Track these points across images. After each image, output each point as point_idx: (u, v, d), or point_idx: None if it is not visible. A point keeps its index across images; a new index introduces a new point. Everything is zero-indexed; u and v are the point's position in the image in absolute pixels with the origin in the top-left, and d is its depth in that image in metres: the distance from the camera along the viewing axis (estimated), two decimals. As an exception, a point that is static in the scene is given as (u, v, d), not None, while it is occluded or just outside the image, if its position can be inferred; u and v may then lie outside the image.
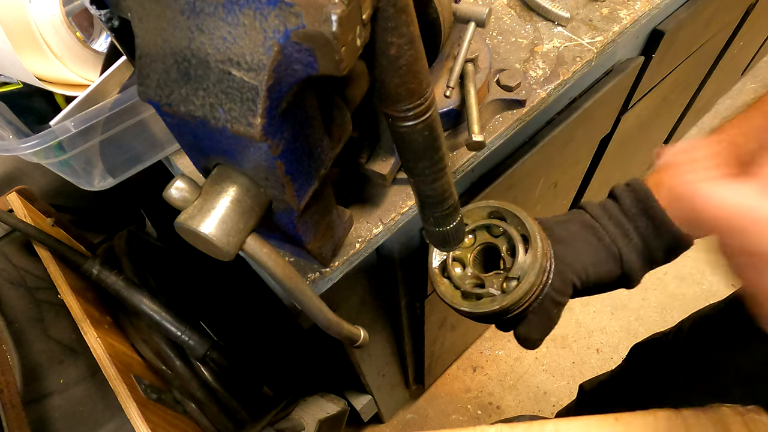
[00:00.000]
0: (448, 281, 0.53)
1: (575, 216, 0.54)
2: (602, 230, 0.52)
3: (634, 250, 0.52)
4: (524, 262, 0.50)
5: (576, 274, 0.51)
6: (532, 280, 0.49)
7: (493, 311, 0.49)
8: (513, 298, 0.49)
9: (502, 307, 0.49)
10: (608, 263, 0.52)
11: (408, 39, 0.28)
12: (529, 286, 0.49)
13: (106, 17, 0.37)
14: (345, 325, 0.43)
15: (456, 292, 0.52)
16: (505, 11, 0.73)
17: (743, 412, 0.35)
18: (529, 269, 0.49)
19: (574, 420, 0.37)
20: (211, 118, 0.31)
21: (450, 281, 0.53)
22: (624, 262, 0.52)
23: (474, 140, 0.52)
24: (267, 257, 0.36)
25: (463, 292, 0.52)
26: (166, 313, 0.73)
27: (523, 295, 0.49)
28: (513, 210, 0.53)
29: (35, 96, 0.66)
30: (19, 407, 0.56)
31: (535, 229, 0.51)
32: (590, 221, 0.53)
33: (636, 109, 1.12)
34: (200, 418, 0.77)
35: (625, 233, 0.52)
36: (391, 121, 0.33)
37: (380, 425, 1.62)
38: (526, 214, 0.52)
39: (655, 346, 0.93)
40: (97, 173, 0.61)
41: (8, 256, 0.74)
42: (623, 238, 0.52)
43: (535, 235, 0.50)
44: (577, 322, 1.75)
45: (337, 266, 0.55)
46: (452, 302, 0.52)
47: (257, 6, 0.27)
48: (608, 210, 0.53)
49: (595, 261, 0.51)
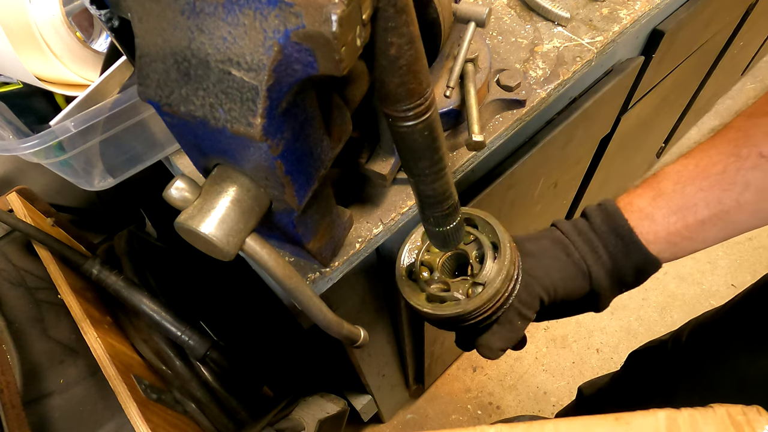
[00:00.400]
0: (414, 283, 0.53)
1: (546, 233, 0.54)
2: (572, 247, 0.52)
3: (603, 268, 0.51)
4: (491, 269, 0.50)
5: (544, 289, 0.51)
6: (497, 286, 0.48)
7: (455, 314, 0.49)
8: (476, 302, 0.48)
9: (465, 311, 0.48)
10: (576, 279, 0.51)
11: (408, 39, 0.28)
12: (494, 292, 0.48)
13: (106, 17, 0.37)
14: (345, 325, 0.43)
15: (421, 294, 0.52)
16: (505, 11, 0.73)
17: (744, 412, 0.35)
18: (496, 275, 0.49)
19: (574, 420, 0.37)
20: (211, 118, 0.31)
21: (416, 283, 0.53)
22: (593, 280, 0.51)
23: (474, 140, 0.52)
24: (267, 257, 0.36)
25: (428, 295, 0.52)
26: (166, 313, 0.73)
27: (487, 300, 0.48)
28: (485, 217, 0.53)
29: (35, 96, 0.66)
30: (19, 407, 0.56)
31: (505, 237, 0.50)
32: (561, 237, 0.53)
33: (636, 109, 1.12)
34: (200, 418, 0.77)
35: (594, 250, 0.51)
36: (391, 121, 0.33)
37: (380, 425, 1.62)
38: (498, 222, 0.52)
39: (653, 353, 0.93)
40: (97, 173, 0.61)
41: (8, 256, 0.74)
42: (592, 255, 0.51)
43: (505, 244, 0.50)
44: (577, 322, 1.75)
45: (337, 266, 0.55)
46: (416, 304, 0.51)
47: (257, 6, 0.27)
48: (579, 227, 0.53)
49: (563, 276, 0.51)
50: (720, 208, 0.47)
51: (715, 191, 0.47)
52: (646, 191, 0.52)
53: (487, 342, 0.52)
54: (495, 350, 0.52)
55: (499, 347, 0.52)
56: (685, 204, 0.49)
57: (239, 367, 0.82)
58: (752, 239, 1.86)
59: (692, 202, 0.49)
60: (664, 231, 0.50)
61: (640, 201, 0.51)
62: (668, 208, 0.49)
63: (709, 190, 0.48)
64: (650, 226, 0.50)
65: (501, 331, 0.52)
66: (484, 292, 0.49)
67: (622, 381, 1.03)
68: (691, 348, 0.82)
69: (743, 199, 0.46)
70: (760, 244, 1.86)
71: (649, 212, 0.50)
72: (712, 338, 0.78)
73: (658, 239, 0.50)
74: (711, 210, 0.48)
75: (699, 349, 0.80)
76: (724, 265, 1.82)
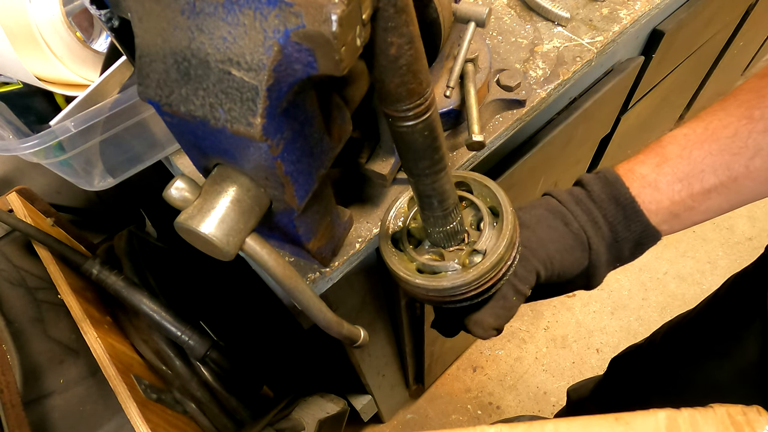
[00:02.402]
0: (402, 253, 0.46)
1: (541, 202, 0.50)
2: (570, 216, 0.47)
3: (602, 240, 0.47)
4: (491, 235, 0.44)
5: (540, 261, 0.46)
6: (501, 252, 0.42)
7: (454, 285, 0.43)
8: (478, 271, 0.42)
9: (466, 281, 0.42)
10: (575, 252, 0.47)
11: (408, 39, 0.28)
12: (498, 259, 0.42)
13: (106, 17, 0.37)
14: (345, 325, 0.43)
15: (410, 265, 0.45)
16: (505, 11, 0.73)
17: (743, 412, 0.35)
18: (498, 242, 0.43)
19: (574, 420, 0.37)
20: (211, 118, 0.31)
21: (404, 254, 0.46)
22: (592, 252, 0.47)
23: (474, 140, 0.52)
24: (267, 257, 0.36)
25: (419, 265, 0.45)
26: (166, 313, 0.73)
27: (490, 269, 0.43)
28: (481, 180, 0.47)
29: (35, 96, 0.66)
30: (19, 407, 0.56)
31: (506, 200, 0.45)
32: (557, 206, 0.48)
33: (636, 109, 1.12)
34: (200, 418, 0.77)
35: (593, 220, 0.47)
36: (391, 120, 0.33)
37: (380, 425, 1.62)
38: (496, 184, 0.46)
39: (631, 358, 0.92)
40: (97, 173, 0.61)
41: (8, 256, 0.74)
42: (592, 226, 0.47)
43: (507, 207, 0.44)
44: (577, 322, 1.75)
45: (337, 266, 0.55)
46: (406, 275, 0.44)
47: (257, 6, 0.27)
48: (576, 195, 0.49)
49: (561, 248, 0.47)
50: (728, 174, 0.44)
51: (725, 156, 0.44)
52: (649, 157, 0.48)
53: (481, 319, 0.47)
54: (488, 329, 0.47)
55: (492, 325, 0.47)
56: (692, 171, 0.45)
57: (239, 367, 0.82)
58: (752, 239, 1.86)
59: (699, 168, 0.45)
60: (668, 200, 0.46)
61: (643, 168, 0.48)
62: (673, 175, 0.46)
63: (719, 154, 0.44)
64: (653, 195, 0.46)
65: (495, 308, 0.47)
66: (485, 260, 0.43)
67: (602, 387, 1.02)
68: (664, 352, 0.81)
69: (753, 165, 0.43)
70: (760, 244, 1.85)
71: (652, 180, 0.47)
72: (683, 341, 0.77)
73: (660, 209, 0.47)
74: (719, 177, 0.45)
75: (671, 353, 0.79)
76: (724, 265, 1.81)
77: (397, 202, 0.49)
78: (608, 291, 1.80)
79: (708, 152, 0.45)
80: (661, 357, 0.81)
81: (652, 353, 0.84)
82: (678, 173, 0.46)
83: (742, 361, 0.62)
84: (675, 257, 1.84)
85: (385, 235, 0.47)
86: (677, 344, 0.78)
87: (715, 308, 0.72)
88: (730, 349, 0.64)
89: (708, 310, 0.73)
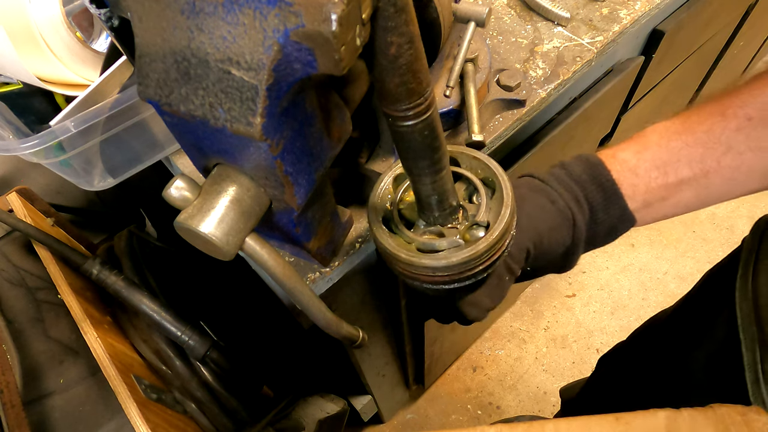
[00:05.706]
0: (396, 236, 0.44)
1: (521, 181, 0.49)
2: (555, 194, 0.47)
3: (584, 220, 0.47)
4: (491, 204, 0.42)
5: (530, 239, 0.45)
6: (507, 220, 0.40)
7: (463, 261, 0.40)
8: (488, 242, 0.40)
9: (478, 254, 0.40)
10: (561, 230, 0.46)
11: (408, 39, 0.28)
12: (505, 228, 0.40)
13: (106, 17, 0.37)
14: (344, 325, 0.43)
15: (410, 246, 0.43)
16: (505, 11, 0.73)
17: (743, 412, 0.35)
18: (504, 210, 0.40)
19: (574, 420, 0.37)
20: (210, 118, 0.31)
21: (398, 237, 0.44)
22: (576, 230, 0.46)
23: (474, 140, 0.52)
24: (267, 257, 0.36)
25: (418, 245, 0.42)
26: (166, 313, 0.73)
27: (499, 238, 0.40)
28: (470, 153, 0.44)
29: (35, 96, 0.66)
30: (19, 407, 0.56)
31: (500, 168, 0.42)
32: (540, 185, 0.48)
33: (636, 109, 1.12)
34: (200, 418, 0.77)
35: (576, 199, 0.47)
36: (390, 120, 0.33)
37: (380, 425, 1.62)
38: (486, 156, 0.44)
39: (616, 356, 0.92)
40: (97, 173, 0.61)
41: (8, 256, 0.74)
42: (575, 204, 0.47)
43: (503, 176, 0.42)
44: (577, 322, 1.75)
45: (337, 266, 0.55)
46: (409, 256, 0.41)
47: (257, 5, 0.27)
48: (557, 175, 0.48)
49: (549, 226, 0.46)
50: (701, 167, 0.46)
51: (699, 148, 0.46)
52: (631, 145, 0.49)
53: (477, 300, 0.46)
54: (483, 309, 0.47)
55: (488, 306, 0.47)
56: (669, 159, 0.47)
57: (239, 367, 0.82)
58: (752, 239, 1.86)
59: (676, 157, 0.47)
60: (645, 186, 0.47)
61: (624, 153, 0.49)
62: (652, 162, 0.47)
63: (694, 146, 0.46)
64: (632, 179, 0.47)
65: (490, 287, 0.46)
66: (493, 229, 0.40)
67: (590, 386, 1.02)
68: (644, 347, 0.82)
69: (724, 161, 0.45)
70: (761, 244, 1.85)
71: (633, 165, 0.48)
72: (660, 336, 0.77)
73: (636, 194, 0.48)
74: (692, 170, 0.46)
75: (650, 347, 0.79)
76: (725, 265, 1.81)
77: (382, 183, 0.46)
78: (608, 291, 1.80)
79: (684, 143, 0.47)
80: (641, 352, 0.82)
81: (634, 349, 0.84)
82: (656, 160, 0.48)
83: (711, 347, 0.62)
84: (675, 257, 1.84)
85: (375, 218, 0.44)
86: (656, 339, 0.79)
87: (691, 301, 0.72)
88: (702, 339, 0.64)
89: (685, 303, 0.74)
